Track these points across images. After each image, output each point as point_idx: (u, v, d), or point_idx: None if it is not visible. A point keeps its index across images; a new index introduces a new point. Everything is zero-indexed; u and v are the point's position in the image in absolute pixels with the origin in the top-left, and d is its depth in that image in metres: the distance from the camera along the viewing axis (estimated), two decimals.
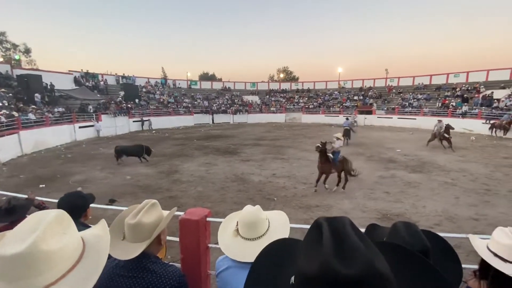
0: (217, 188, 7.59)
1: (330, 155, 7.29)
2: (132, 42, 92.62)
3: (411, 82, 29.50)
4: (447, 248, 1.02)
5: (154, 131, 22.13)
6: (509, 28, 67.54)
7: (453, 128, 13.43)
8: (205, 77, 53.46)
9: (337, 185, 7.40)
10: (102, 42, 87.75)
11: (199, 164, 10.45)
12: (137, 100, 26.44)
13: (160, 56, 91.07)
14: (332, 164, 7.19)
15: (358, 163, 10.19)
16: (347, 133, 14.42)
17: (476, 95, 21.95)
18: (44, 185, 8.05)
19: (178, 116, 26.65)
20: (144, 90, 29.73)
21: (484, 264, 1.09)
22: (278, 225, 1.32)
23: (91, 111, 20.43)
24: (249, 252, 1.14)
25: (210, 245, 1.62)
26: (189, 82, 35.50)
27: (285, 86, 38.27)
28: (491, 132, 17.15)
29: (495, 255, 1.02)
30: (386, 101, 28.05)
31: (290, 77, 57.79)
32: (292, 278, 0.52)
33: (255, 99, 33.97)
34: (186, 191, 7.41)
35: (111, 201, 6.35)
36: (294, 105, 32.32)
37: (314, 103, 31.72)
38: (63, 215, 0.73)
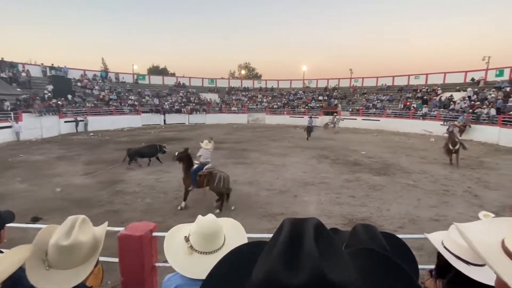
0: (170, 198, 7.33)
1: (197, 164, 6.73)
2: (64, 26, 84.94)
3: (375, 83, 31.99)
4: (404, 249, 1.10)
5: (91, 134, 20.57)
6: (464, 31, 77.38)
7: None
8: (155, 71, 51.40)
9: (216, 201, 6.64)
10: (23, 23, 78.95)
11: (148, 171, 9.99)
12: (69, 96, 24.35)
13: (99, 45, 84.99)
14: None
15: (324, 167, 10.74)
16: (309, 130, 18.49)
17: (435, 97, 24.64)
18: None
19: (122, 116, 25.27)
20: (79, 84, 27.55)
21: (442, 264, 1.18)
22: (233, 233, 1.31)
23: (8, 108, 18.28)
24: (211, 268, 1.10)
25: (157, 265, 1.53)
26: (135, 76, 33.86)
27: (247, 83, 38.68)
28: (448, 132, 19.31)
29: (458, 257, 1.10)
30: (350, 102, 29.98)
31: (253, 74, 58.53)
32: None
33: (214, 97, 33.72)
34: (132, 203, 7.01)
35: (35, 219, 5.73)
36: (257, 105, 32.79)
37: (278, 103, 32.57)
38: None
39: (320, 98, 32.25)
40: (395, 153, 13.53)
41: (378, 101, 28.12)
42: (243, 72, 56.95)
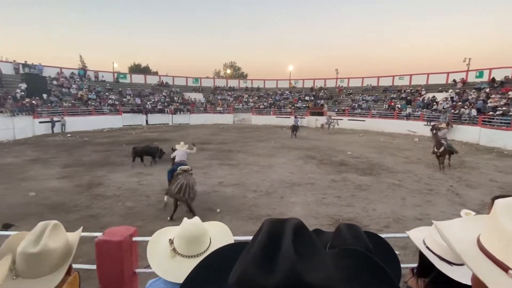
0: (152, 202, 7.20)
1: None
2: (38, 21, 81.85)
3: (360, 83, 32.66)
4: (387, 248, 1.12)
5: (69, 135, 19.93)
6: (447, 33, 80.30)
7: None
8: (137, 69, 50.39)
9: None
10: None
11: (130, 174, 9.77)
12: (45, 96, 23.48)
13: (78, 41, 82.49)
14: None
15: (310, 167, 10.85)
16: (294, 129, 19.89)
17: (418, 97, 25.42)
18: None
19: (101, 116, 24.64)
20: (55, 82, 26.63)
21: (425, 263, 1.21)
22: (220, 236, 1.31)
23: None
24: None
25: (138, 270, 1.50)
26: (116, 74, 33.09)
27: (233, 83, 38.59)
28: (432, 133, 19.99)
29: (440, 257, 1.12)
30: (336, 102, 30.47)
31: (238, 74, 58.47)
32: None
33: (199, 97, 33.44)
34: (112, 207, 6.84)
35: (6, 226, 5.46)
36: (243, 105, 32.76)
37: (265, 103, 32.67)
38: None
39: (307, 98, 32.59)
40: (380, 153, 13.85)
41: (364, 101, 28.71)
42: (228, 71, 56.86)
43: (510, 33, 67.05)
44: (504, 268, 0.53)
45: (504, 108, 17.94)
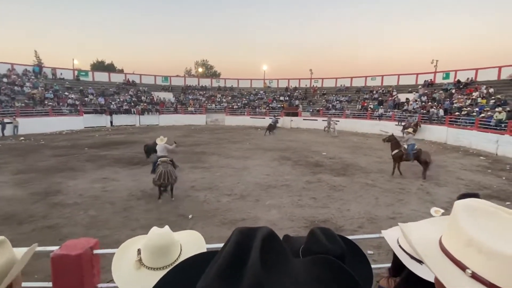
0: (118, 209, 6.94)
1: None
2: None
3: (334, 84, 33.69)
4: (356, 250, 1.16)
5: (22, 138, 18.64)
6: (417, 34, 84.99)
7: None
8: (100, 66, 48.46)
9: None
10: None
11: (92, 180, 9.35)
12: None
13: (32, 35, 77.48)
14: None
15: (285, 169, 11.01)
16: (270, 128, 21.96)
17: (389, 98, 26.68)
18: None
19: (60, 117, 23.40)
20: (5, 80, 24.83)
21: (397, 262, 1.26)
22: (191, 246, 1.28)
23: None
24: None
25: (100, 286, 1.43)
26: (76, 72, 31.60)
27: (205, 82, 38.22)
28: (403, 133, 21.06)
29: (412, 257, 1.16)
30: (311, 103, 31.18)
31: (211, 73, 58.08)
32: None
33: (169, 96, 32.77)
34: (72, 217, 6.49)
35: None
36: (216, 105, 32.56)
37: (239, 103, 32.67)
38: None
39: (281, 98, 33.04)
40: (354, 154, 14.35)
41: (338, 101, 29.63)
42: (200, 69, 56.24)
43: (475, 36, 72.47)
44: (462, 267, 0.57)
45: (468, 109, 19.34)
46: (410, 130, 11.24)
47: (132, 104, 28.79)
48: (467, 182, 9.70)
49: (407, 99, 25.03)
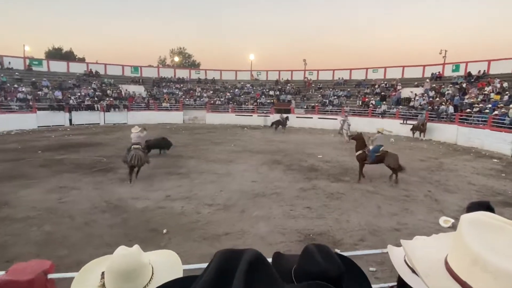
0: (79, 224, 6.82)
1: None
2: None
3: (331, 76, 34.12)
4: (356, 270, 1.17)
5: None
6: (423, 22, 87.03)
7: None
8: (57, 54, 47.43)
9: None
10: None
11: (47, 189, 9.15)
12: None
13: None
14: None
15: (276, 174, 11.06)
16: (279, 123, 23.95)
17: (393, 93, 27.22)
18: None
19: (8, 115, 22.92)
20: None
21: (403, 283, 1.27)
22: (166, 269, 1.27)
23: None
24: None
25: None
26: (28, 60, 30.89)
27: (183, 73, 38.08)
28: (413, 134, 21.39)
29: (413, 271, 1.19)
30: (305, 98, 31.47)
31: (189, 63, 57.78)
32: None
33: (139, 90, 32.45)
34: (24, 234, 6.32)
35: None
36: (195, 101, 32.44)
37: (222, 98, 32.65)
38: None
39: (271, 93, 33.21)
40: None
41: (335, 97, 30.00)
42: (176, 59, 55.90)
43: (488, 23, 74.71)
44: None
45: (480, 105, 19.89)
46: (381, 129, 11.31)
47: (96, 99, 28.37)
48: (479, 187, 9.99)
49: (411, 93, 25.57)
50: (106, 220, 7.02)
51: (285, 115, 24.81)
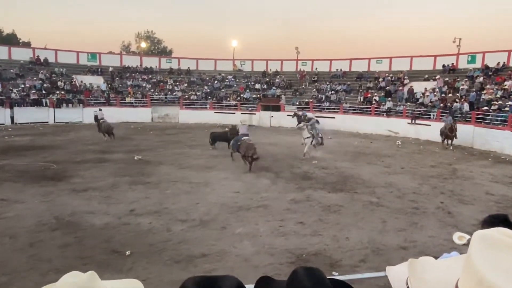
0: (22, 245, 6.70)
1: None
2: None
3: (328, 67, 34.46)
4: None
5: None
6: (435, 6, 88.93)
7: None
8: None
9: None
10: None
11: None
12: None
13: None
14: None
15: (263, 183, 11.09)
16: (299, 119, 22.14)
17: (400, 88, 27.68)
18: None
19: None
20: None
21: None
22: None
23: None
24: None
25: None
26: None
27: (151, 62, 37.84)
28: (443, 142, 19.54)
29: None
30: (297, 93, 31.69)
31: (159, 49, 57.34)
32: None
33: (98, 81, 32.12)
34: None
35: None
36: (166, 95, 32.30)
37: (198, 93, 32.57)
38: None
39: (258, 86, 33.32)
40: (354, 161, 14.71)
41: (333, 91, 30.31)
42: (143, 45, 55.34)
43: (509, 11, 76.81)
44: None
45: (499, 102, 20.31)
46: (244, 121, 15.21)
47: (44, 92, 28.02)
48: (498, 198, 10.24)
49: (425, 90, 26.04)
50: (56, 240, 6.90)
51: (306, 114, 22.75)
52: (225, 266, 5.99)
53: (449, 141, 18.89)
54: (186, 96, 31.99)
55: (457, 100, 22.43)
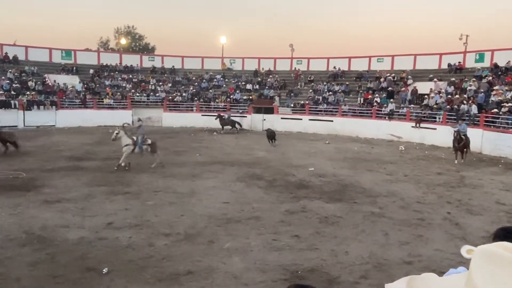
0: None
1: None
2: None
3: (325, 66, 34.63)
4: None
5: None
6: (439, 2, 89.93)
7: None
8: None
9: None
10: None
11: None
12: None
13: None
14: None
15: (255, 193, 11.07)
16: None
17: (403, 89, 27.88)
18: None
19: None
20: None
21: None
22: None
23: None
24: None
25: None
26: None
27: (132, 60, 37.82)
28: (456, 156, 17.11)
29: None
30: (292, 94, 31.78)
31: (141, 46, 57.20)
32: None
33: (73, 81, 31.98)
34: None
35: None
36: (149, 96, 32.23)
37: (184, 94, 32.55)
38: None
39: (249, 86, 33.37)
40: (354, 169, 14.75)
41: (330, 92, 30.43)
42: (123, 41, 55.11)
43: None
44: None
45: (510, 104, 20.45)
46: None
47: (13, 93, 27.79)
48: (510, 208, 10.33)
49: (431, 90, 26.27)
50: (26, 257, 6.81)
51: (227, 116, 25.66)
52: (213, 284, 5.96)
53: (461, 154, 16.47)
54: (171, 97, 31.91)
55: (465, 101, 22.58)
